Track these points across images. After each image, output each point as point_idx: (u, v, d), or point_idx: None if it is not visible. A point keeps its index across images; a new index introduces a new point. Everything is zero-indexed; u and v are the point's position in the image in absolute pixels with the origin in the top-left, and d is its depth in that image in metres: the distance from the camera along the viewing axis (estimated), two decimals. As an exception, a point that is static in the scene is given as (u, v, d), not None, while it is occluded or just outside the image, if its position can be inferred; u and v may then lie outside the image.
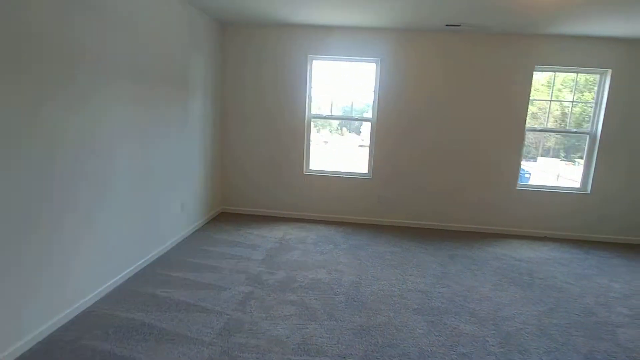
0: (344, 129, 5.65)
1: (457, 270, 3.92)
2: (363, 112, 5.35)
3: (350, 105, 5.33)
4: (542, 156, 6.12)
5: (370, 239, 4.73)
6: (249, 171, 5.42)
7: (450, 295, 3.38)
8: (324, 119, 5.42)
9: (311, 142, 5.40)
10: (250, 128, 5.30)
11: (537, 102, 5.22)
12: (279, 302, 3.07)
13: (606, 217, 5.14)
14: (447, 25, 4.50)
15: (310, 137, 5.36)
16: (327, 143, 5.63)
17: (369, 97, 5.22)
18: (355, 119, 5.38)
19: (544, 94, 5.25)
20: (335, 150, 5.60)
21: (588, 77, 5.07)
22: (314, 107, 5.32)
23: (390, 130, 5.15)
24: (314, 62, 5.18)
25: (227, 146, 5.38)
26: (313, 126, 5.47)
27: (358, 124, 5.50)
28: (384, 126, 5.15)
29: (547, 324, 3.00)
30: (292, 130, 5.25)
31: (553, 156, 5.30)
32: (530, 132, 5.17)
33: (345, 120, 5.53)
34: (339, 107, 5.40)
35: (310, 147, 5.40)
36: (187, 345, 2.47)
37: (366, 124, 5.33)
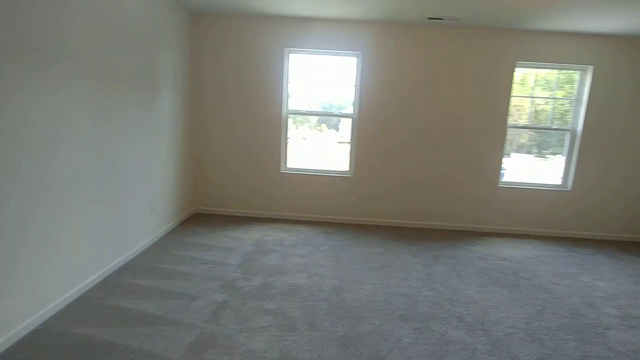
0: (323, 125, 5.44)
1: (442, 272, 3.79)
2: (341, 109, 5.16)
3: (329, 101, 5.13)
4: (515, 152, 6.10)
5: (352, 240, 4.55)
6: (224, 170, 5.15)
7: (437, 298, 3.23)
8: (302, 115, 5.20)
9: (289, 139, 5.18)
10: (225, 125, 5.03)
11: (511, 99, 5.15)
12: (255, 311, 2.84)
13: (587, 214, 5.13)
14: (429, 19, 4.35)
15: (287, 133, 5.13)
16: (306, 139, 5.41)
17: (349, 93, 5.03)
18: (335, 115, 5.19)
19: (517, 92, 5.16)
20: (314, 146, 5.39)
21: (561, 75, 5.02)
22: (291, 102, 5.09)
23: (371, 127, 4.98)
24: (291, 56, 4.95)
25: (201, 144, 5.09)
26: (292, 122, 5.25)
27: (337, 120, 5.30)
28: (365, 123, 4.97)
29: (536, 328, 2.89)
30: (269, 127, 5.01)
31: (526, 152, 5.28)
32: (510, 129, 5.09)
33: (324, 117, 5.33)
34: (317, 102, 5.19)
35: (288, 144, 5.18)
36: (152, 365, 2.22)
37: (346, 120, 5.14)
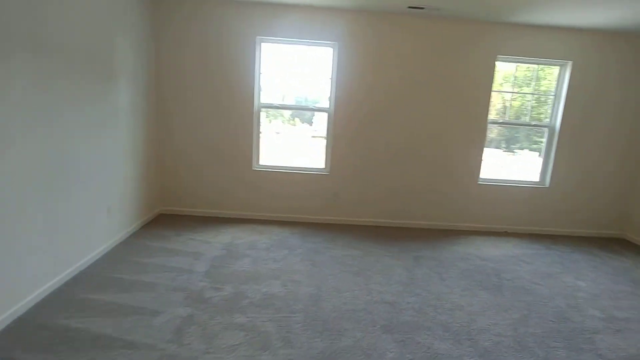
0: (297, 119, 5.17)
1: (423, 275, 3.61)
2: (315, 103, 4.89)
3: (304, 94, 4.85)
4: (485, 147, 6.04)
5: (329, 241, 4.32)
6: (192, 168, 4.80)
7: (420, 305, 3.05)
8: (275, 108, 4.90)
9: (261, 134, 4.87)
10: (192, 119, 4.67)
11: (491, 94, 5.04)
12: (224, 327, 2.56)
13: (564, 211, 5.10)
14: (409, 7, 4.13)
15: (260, 128, 4.82)
16: (279, 133, 5.13)
17: (325, 85, 4.77)
18: (310, 109, 4.91)
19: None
20: (287, 141, 5.11)
21: (527, 72, 4.95)
22: (264, 95, 4.78)
23: (348, 122, 4.74)
24: (263, 45, 4.63)
25: (165, 140, 4.71)
26: (265, 116, 4.95)
27: (311, 114, 5.03)
28: (341, 117, 4.73)
29: (524, 335, 2.74)
30: (240, 121, 4.69)
31: (495, 147, 5.24)
32: (498, 126, 4.97)
33: (298, 111, 5.05)
34: (291, 95, 4.90)
35: (260, 139, 4.87)
36: (102, 398, 1.92)
37: (321, 115, 4.88)
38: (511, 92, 4.96)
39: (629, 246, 4.91)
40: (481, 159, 4.93)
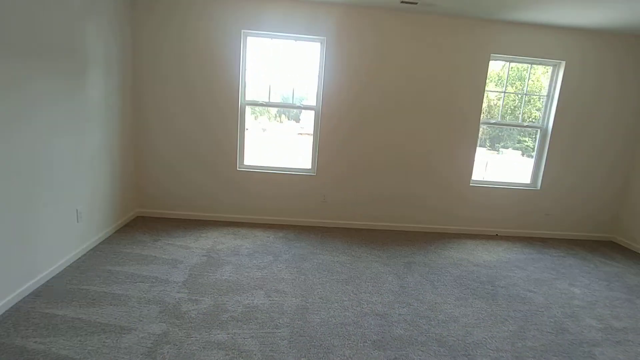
0: (283, 117, 4.96)
1: (415, 283, 3.44)
2: (302, 100, 4.67)
3: (290, 91, 4.62)
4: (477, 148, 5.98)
5: (316, 246, 4.11)
6: (171, 167, 4.53)
7: (413, 317, 2.87)
8: (261, 106, 4.66)
9: (246, 133, 4.63)
10: (172, 116, 4.40)
11: (484, 93, 4.91)
12: (202, 345, 2.34)
13: (556, 214, 5.00)
14: (402, 2, 3.95)
15: (244, 127, 4.58)
16: (265, 131, 4.91)
17: (312, 83, 4.55)
18: (297, 107, 4.69)
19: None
20: (274, 139, 4.89)
21: (511, 72, 4.83)
22: (249, 92, 4.54)
23: (336, 120, 4.54)
24: (249, 39, 4.38)
25: (143, 138, 4.43)
26: (250, 113, 4.71)
27: (298, 111, 4.81)
28: (329, 115, 4.52)
29: (522, 349, 2.59)
30: (223, 119, 4.44)
31: (480, 146, 5.14)
32: (483, 125, 4.84)
33: (285, 108, 4.82)
34: (277, 92, 4.67)
35: (245, 139, 4.63)
36: None
37: (308, 113, 4.67)
38: (503, 92, 4.83)
39: (619, 249, 4.85)
40: (473, 160, 4.79)
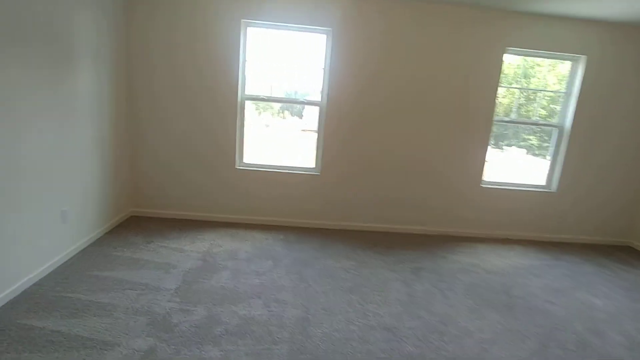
0: (286, 112, 4.72)
1: (424, 291, 3.21)
2: (306, 95, 4.42)
3: (293, 85, 4.37)
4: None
5: (319, 250, 3.88)
6: (167, 165, 4.30)
7: (423, 331, 2.64)
8: (262, 101, 4.42)
9: (246, 129, 4.39)
10: (167, 111, 4.16)
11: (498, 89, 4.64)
12: (192, 364, 2.12)
13: (572, 217, 4.75)
14: (413, -10, 3.69)
15: (244, 122, 4.34)
16: (269, 126, 4.69)
17: (317, 77, 4.30)
18: (300, 102, 4.44)
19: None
20: (276, 136, 4.66)
21: (517, 69, 4.55)
22: (249, 86, 4.29)
23: (341, 117, 4.29)
24: (249, 30, 4.14)
25: (137, 133, 4.20)
26: (254, 108, 4.48)
27: (301, 107, 4.57)
28: (334, 112, 4.28)
29: (545, 370, 2.36)
30: (222, 114, 4.20)
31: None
32: (506, 125, 4.58)
33: (287, 104, 4.58)
34: (280, 87, 4.42)
35: (245, 135, 4.39)
36: None
37: (312, 109, 4.42)
38: (519, 88, 4.56)
39: (636, 255, 4.59)
40: (485, 160, 4.54)
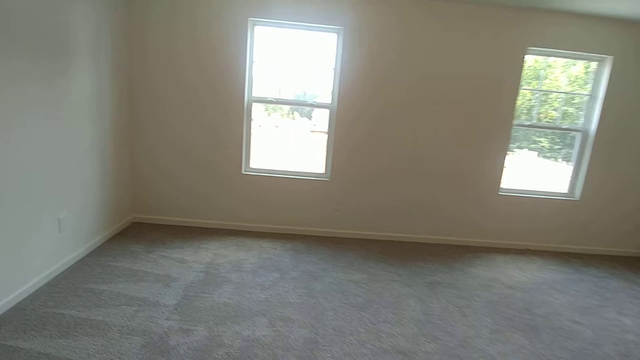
0: (296, 113, 4.54)
1: (442, 309, 2.99)
2: (314, 97, 4.21)
3: (303, 87, 4.18)
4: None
5: (328, 261, 3.68)
6: (170, 169, 4.14)
7: (442, 356, 2.42)
8: (269, 103, 4.23)
9: (255, 132, 4.21)
10: (170, 113, 4.00)
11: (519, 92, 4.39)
12: (189, 394, 1.93)
13: (595, 227, 4.49)
14: (430, -13, 3.47)
15: (251, 125, 4.16)
16: (278, 127, 4.52)
17: (327, 78, 4.10)
18: (310, 105, 4.24)
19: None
20: (285, 137, 4.48)
21: (529, 70, 4.27)
22: (258, 87, 4.11)
23: (353, 120, 4.09)
24: (256, 29, 3.96)
25: (139, 137, 4.04)
26: (264, 109, 4.31)
27: (310, 108, 4.37)
28: (345, 115, 4.07)
29: (578, 403, 2.13)
30: (228, 117, 4.03)
31: None
32: (518, 127, 4.33)
33: (296, 106, 4.39)
34: (289, 88, 4.23)
35: (252, 139, 4.21)
36: None
37: (322, 111, 4.22)
38: (540, 91, 4.31)
39: (665, 268, 4.32)
40: (503, 167, 4.30)
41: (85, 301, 2.63)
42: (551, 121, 4.38)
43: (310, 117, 4.59)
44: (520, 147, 4.64)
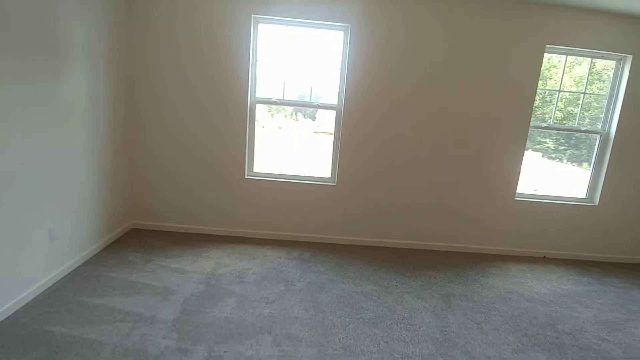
0: (299, 114, 4.36)
1: (459, 325, 2.79)
2: (319, 98, 4.02)
3: (308, 87, 3.99)
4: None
5: (336, 271, 3.49)
6: (171, 174, 3.96)
7: (462, 380, 2.23)
8: (273, 104, 4.05)
9: (259, 134, 4.03)
10: (171, 115, 3.82)
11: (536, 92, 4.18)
12: None
13: (615, 234, 4.27)
14: (444, -19, 3.28)
15: (254, 128, 3.98)
16: (282, 129, 4.34)
17: (334, 78, 3.91)
18: (316, 106, 4.05)
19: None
20: (289, 139, 4.30)
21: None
22: (261, 88, 3.93)
23: (360, 122, 3.90)
24: (260, 27, 3.78)
25: (139, 141, 3.87)
26: (267, 110, 4.14)
27: (314, 109, 4.18)
28: (352, 117, 3.89)
29: None
30: (230, 119, 3.85)
31: None
32: (534, 129, 4.13)
33: (301, 107, 4.20)
34: (293, 88, 4.04)
35: (256, 142, 4.03)
36: None
37: (329, 113, 4.04)
38: (559, 91, 4.10)
39: (691, 278, 4.10)
40: (519, 171, 4.09)
41: (77, 316, 2.45)
42: (557, 122, 4.17)
43: (313, 118, 4.42)
44: (525, 148, 4.43)
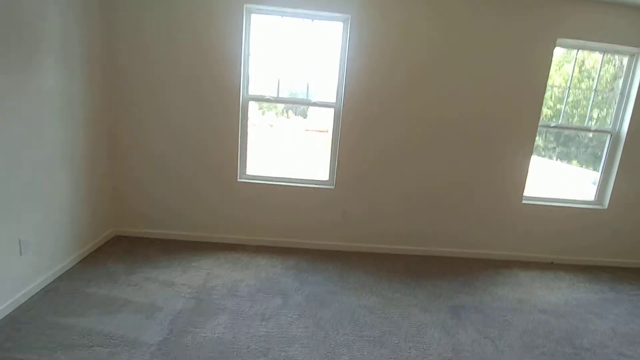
0: (290, 112, 4.12)
1: (471, 342, 2.57)
2: (315, 96, 3.77)
3: (304, 83, 3.73)
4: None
5: (336, 282, 3.25)
6: (157, 178, 3.67)
7: (481, 408, 2.00)
8: (267, 102, 3.78)
9: (251, 133, 3.77)
10: (156, 115, 3.54)
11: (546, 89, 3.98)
12: None
13: (625, 238, 4.09)
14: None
15: (247, 128, 3.71)
16: (272, 127, 4.10)
17: (332, 74, 3.66)
18: (313, 104, 3.80)
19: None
20: (281, 138, 4.06)
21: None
22: (253, 84, 3.66)
23: (360, 121, 3.66)
24: (253, 17, 3.51)
25: (120, 142, 3.58)
26: (257, 108, 3.88)
27: (306, 107, 3.94)
28: (352, 115, 3.64)
29: None
30: (221, 118, 3.58)
31: None
32: (544, 129, 3.93)
33: (295, 104, 3.95)
34: (287, 85, 3.78)
35: (248, 143, 3.77)
36: None
37: (321, 109, 3.79)
38: (568, 88, 3.90)
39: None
40: (527, 172, 3.89)
41: (48, 341, 2.17)
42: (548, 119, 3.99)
43: (305, 116, 4.18)
44: (533, 149, 4.26)
